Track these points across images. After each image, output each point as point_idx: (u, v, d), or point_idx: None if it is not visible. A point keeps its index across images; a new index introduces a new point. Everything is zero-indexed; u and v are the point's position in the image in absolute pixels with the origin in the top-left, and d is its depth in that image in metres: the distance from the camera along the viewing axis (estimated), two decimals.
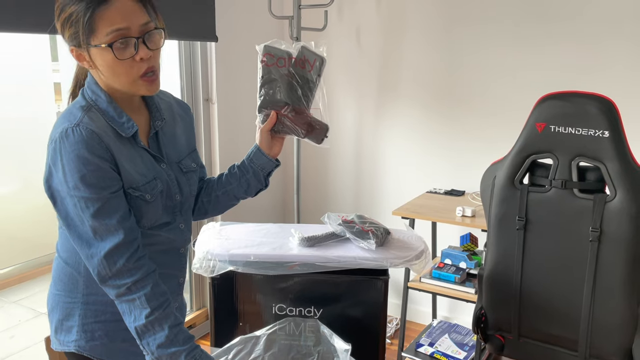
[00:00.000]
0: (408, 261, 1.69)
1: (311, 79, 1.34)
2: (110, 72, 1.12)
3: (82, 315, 1.24)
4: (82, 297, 1.23)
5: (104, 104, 1.16)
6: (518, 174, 1.74)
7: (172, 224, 1.28)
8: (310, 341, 1.51)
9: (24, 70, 3.71)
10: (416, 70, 2.90)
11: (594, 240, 1.64)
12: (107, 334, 1.25)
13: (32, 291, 3.62)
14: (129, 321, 1.13)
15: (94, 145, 1.09)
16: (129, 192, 1.16)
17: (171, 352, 1.12)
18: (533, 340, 1.85)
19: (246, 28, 2.89)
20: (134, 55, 1.10)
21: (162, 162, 1.26)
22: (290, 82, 1.33)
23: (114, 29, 1.07)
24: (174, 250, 1.31)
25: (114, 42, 1.08)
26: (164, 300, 1.14)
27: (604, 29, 2.44)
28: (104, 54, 1.09)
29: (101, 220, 1.10)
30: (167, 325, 1.13)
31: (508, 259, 1.81)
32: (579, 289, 1.70)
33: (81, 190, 1.09)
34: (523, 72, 2.63)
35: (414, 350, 2.57)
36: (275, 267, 1.67)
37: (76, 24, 1.07)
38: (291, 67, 1.33)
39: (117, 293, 1.12)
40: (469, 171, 2.83)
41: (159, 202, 1.22)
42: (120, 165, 1.14)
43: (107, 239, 1.11)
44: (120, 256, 1.11)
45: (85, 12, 1.06)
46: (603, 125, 1.59)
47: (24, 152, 3.76)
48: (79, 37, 1.08)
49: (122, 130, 1.16)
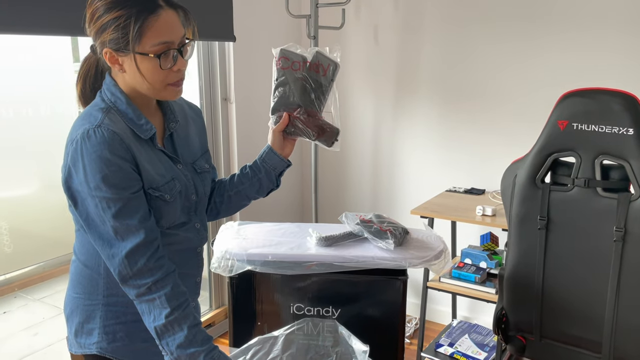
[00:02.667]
0: (427, 261, 1.67)
1: (324, 83, 1.37)
2: (145, 78, 1.14)
3: (103, 317, 1.24)
4: (102, 298, 1.24)
5: (122, 105, 1.17)
6: (539, 173, 1.71)
7: (189, 223, 1.29)
8: (328, 342, 1.50)
9: (45, 71, 3.77)
10: (434, 68, 2.87)
11: (618, 240, 1.61)
12: (128, 335, 1.26)
13: (55, 289, 3.68)
14: (149, 321, 1.14)
15: (116, 146, 1.10)
16: (149, 192, 1.16)
17: (190, 352, 1.13)
18: (555, 341, 1.82)
19: (264, 27, 2.89)
20: (172, 66, 1.14)
21: (178, 162, 1.27)
22: (304, 86, 1.36)
23: (161, 40, 1.11)
24: (191, 250, 1.32)
25: (161, 53, 1.11)
26: (184, 301, 1.15)
27: (625, 25, 2.38)
28: (144, 61, 1.12)
29: (122, 220, 1.11)
30: (186, 325, 1.13)
31: (529, 259, 1.78)
32: (602, 290, 1.67)
33: (103, 191, 1.09)
34: (542, 69, 2.59)
35: (434, 351, 2.55)
36: (293, 266, 1.66)
37: (123, 29, 1.09)
38: (305, 71, 1.35)
39: (138, 293, 1.13)
40: (488, 170, 2.79)
41: (178, 202, 1.23)
42: (141, 166, 1.15)
43: (128, 239, 1.11)
44: (141, 256, 1.12)
45: (137, 20, 1.08)
46: (627, 122, 1.55)
47: (44, 153, 3.83)
48: (124, 42, 1.10)
49: (141, 132, 1.18)
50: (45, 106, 3.78)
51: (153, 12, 1.09)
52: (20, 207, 3.65)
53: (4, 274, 3.53)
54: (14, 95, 3.56)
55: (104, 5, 1.10)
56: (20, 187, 3.67)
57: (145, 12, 1.08)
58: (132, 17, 1.08)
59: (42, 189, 3.81)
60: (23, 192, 3.69)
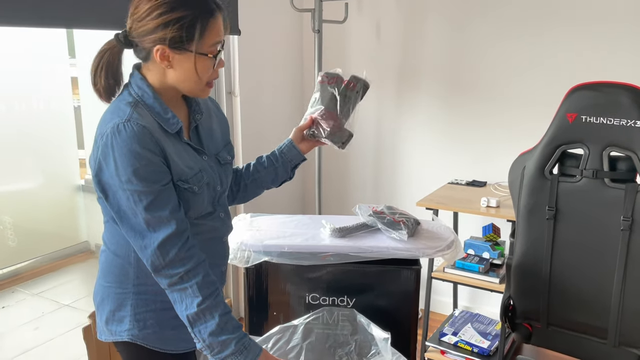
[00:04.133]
0: (440, 251, 1.72)
1: (353, 97, 1.54)
2: (199, 77, 1.19)
3: (134, 305, 1.27)
4: (133, 287, 1.27)
5: (150, 99, 1.20)
6: (548, 164, 1.75)
7: (214, 213, 1.32)
8: (346, 330, 1.54)
9: (41, 66, 3.74)
10: (436, 62, 2.90)
11: (625, 229, 1.66)
12: (158, 323, 1.28)
13: (54, 284, 3.67)
14: (181, 310, 1.17)
15: (146, 140, 1.13)
16: (178, 184, 1.19)
17: (222, 339, 1.16)
18: (561, 328, 1.87)
19: (269, 21, 2.90)
20: (216, 65, 1.20)
21: (204, 154, 1.30)
22: (333, 94, 1.53)
23: (217, 40, 1.18)
24: (217, 239, 1.35)
25: (214, 50, 1.17)
26: (215, 289, 1.18)
27: (628, 19, 2.44)
28: (201, 61, 1.17)
29: (154, 212, 1.13)
30: (218, 313, 1.16)
31: (537, 248, 1.82)
32: (609, 278, 1.72)
33: (134, 184, 1.12)
34: (544, 64, 2.64)
35: (438, 340, 2.59)
36: (309, 257, 1.69)
37: (188, 29, 1.13)
38: (337, 85, 1.54)
39: (170, 282, 1.16)
40: (490, 162, 2.84)
41: (205, 193, 1.25)
42: (170, 159, 1.17)
43: (160, 230, 1.14)
44: (172, 246, 1.14)
45: (201, 21, 1.13)
46: (635, 114, 1.60)
47: (44, 147, 3.81)
48: (186, 41, 1.14)
49: (168, 127, 1.20)
50: (42, 101, 3.76)
51: (212, 14, 1.15)
52: (21, 201, 3.65)
53: (10, 265, 3.53)
54: (11, 91, 3.55)
55: (167, 3, 1.12)
56: (20, 181, 3.66)
57: (207, 14, 1.14)
58: (197, 18, 1.13)
59: (42, 184, 3.80)
60: (24, 187, 3.68)
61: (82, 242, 3.97)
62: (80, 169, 4.00)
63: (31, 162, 3.74)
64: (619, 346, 1.76)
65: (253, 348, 1.20)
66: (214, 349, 1.16)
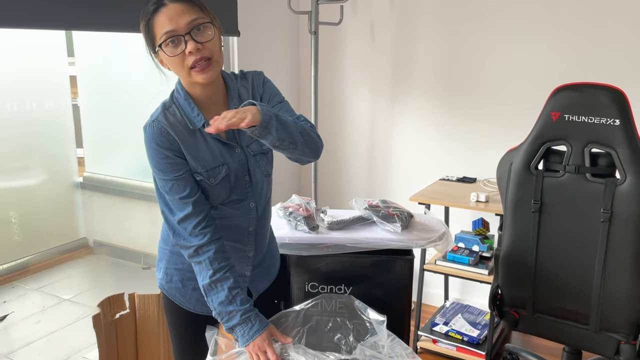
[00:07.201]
0: (432, 242, 1.82)
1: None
2: (172, 68, 1.30)
3: (167, 260, 1.49)
4: (170, 246, 1.47)
5: (182, 99, 1.35)
6: (534, 160, 1.86)
7: (244, 201, 1.43)
8: (344, 315, 1.63)
9: (40, 65, 3.80)
10: (428, 62, 3.01)
11: (605, 221, 1.77)
12: (181, 281, 1.47)
13: (54, 279, 3.73)
14: (199, 280, 1.35)
15: (162, 139, 1.31)
16: (194, 175, 1.34)
17: (229, 310, 1.33)
18: (546, 315, 1.97)
19: (266, 23, 3.00)
20: (184, 50, 1.24)
21: (237, 147, 1.39)
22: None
23: (163, 32, 1.25)
24: (241, 227, 1.46)
25: (162, 42, 1.25)
26: (226, 264, 1.34)
27: (610, 19, 2.55)
28: (163, 55, 1.27)
29: (173, 195, 1.33)
30: (227, 286, 1.32)
31: (524, 240, 1.93)
32: (590, 267, 1.83)
33: (157, 173, 1.32)
34: (531, 64, 2.75)
35: (430, 329, 2.70)
36: (309, 248, 1.79)
37: (146, 34, 1.28)
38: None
39: (188, 254, 1.35)
40: (479, 159, 2.95)
41: (224, 184, 1.37)
42: (187, 155, 1.33)
43: (179, 210, 1.33)
44: (189, 223, 1.33)
45: (147, 24, 1.26)
46: (614, 114, 1.71)
47: (45, 145, 3.87)
48: (149, 44, 1.29)
49: (191, 124, 1.34)
50: (42, 99, 3.82)
51: (156, 12, 1.24)
52: (22, 198, 3.70)
53: (12, 260, 3.58)
54: (11, 91, 3.60)
55: (140, 21, 1.29)
56: (21, 178, 3.72)
57: (150, 15, 1.25)
58: (146, 22, 1.27)
59: (43, 182, 3.86)
60: (24, 184, 3.74)
61: (81, 238, 4.05)
62: (79, 166, 4.07)
63: (30, 159, 3.80)
64: (600, 331, 1.87)
65: (259, 321, 1.35)
66: (223, 317, 1.34)
